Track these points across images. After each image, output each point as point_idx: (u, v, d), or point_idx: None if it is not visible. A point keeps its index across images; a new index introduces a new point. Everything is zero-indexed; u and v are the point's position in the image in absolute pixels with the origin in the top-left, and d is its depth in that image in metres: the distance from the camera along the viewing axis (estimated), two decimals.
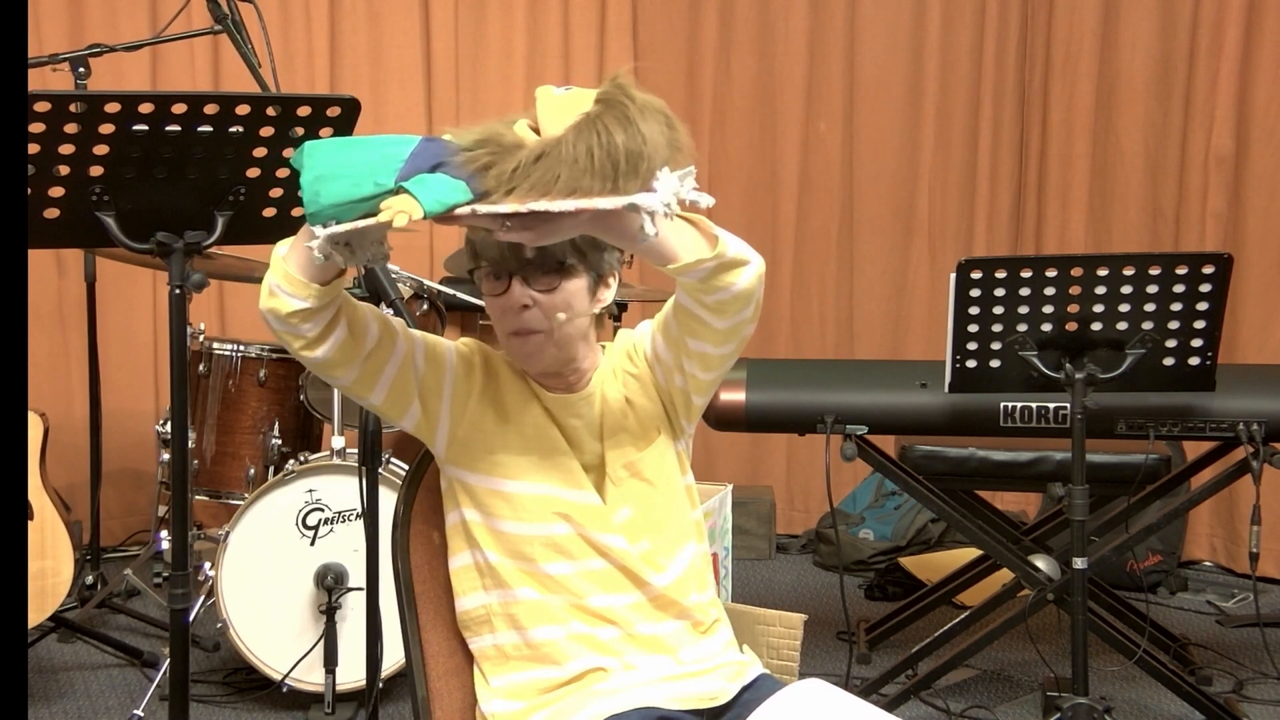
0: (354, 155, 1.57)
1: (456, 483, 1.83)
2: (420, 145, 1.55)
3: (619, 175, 1.50)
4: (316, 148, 1.59)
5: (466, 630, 1.87)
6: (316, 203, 1.56)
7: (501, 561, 1.80)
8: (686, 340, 1.79)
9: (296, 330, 1.69)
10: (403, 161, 1.54)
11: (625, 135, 1.52)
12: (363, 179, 1.54)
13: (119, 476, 4.37)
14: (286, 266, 1.65)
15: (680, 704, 1.77)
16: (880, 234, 4.78)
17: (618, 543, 1.82)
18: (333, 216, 1.56)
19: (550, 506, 1.80)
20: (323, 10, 4.56)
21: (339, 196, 1.55)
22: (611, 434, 1.85)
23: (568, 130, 1.52)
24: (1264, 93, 4.34)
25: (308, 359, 1.72)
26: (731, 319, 1.74)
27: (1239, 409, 2.90)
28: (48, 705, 3.24)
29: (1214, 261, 2.61)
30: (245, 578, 3.13)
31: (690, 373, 1.83)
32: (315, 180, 1.57)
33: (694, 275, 1.67)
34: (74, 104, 1.84)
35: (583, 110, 1.54)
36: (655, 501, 1.86)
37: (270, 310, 1.67)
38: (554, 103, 1.57)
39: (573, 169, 1.50)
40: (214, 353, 3.57)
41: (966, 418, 2.99)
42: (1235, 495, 4.29)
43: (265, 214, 2.05)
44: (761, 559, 4.55)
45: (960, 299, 2.67)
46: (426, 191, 1.51)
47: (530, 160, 1.51)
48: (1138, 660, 3.01)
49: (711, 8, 4.83)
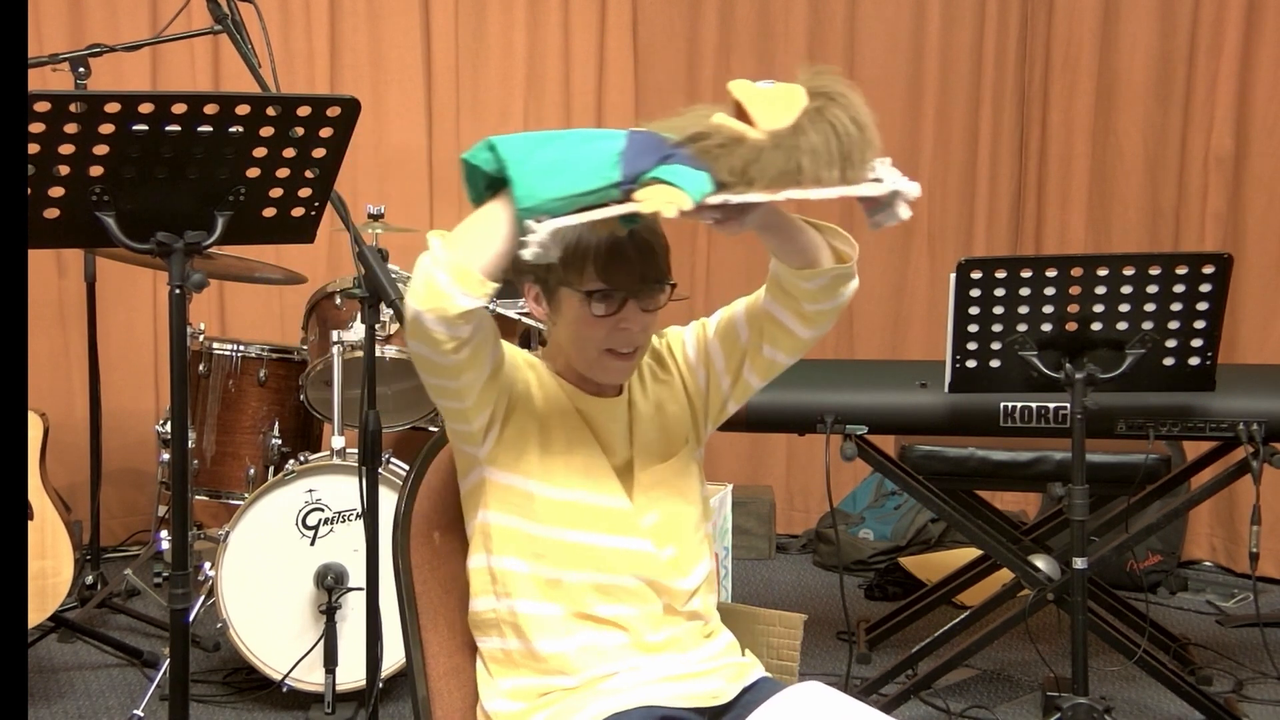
0: (565, 150, 1.56)
1: (490, 483, 1.80)
2: (633, 138, 1.56)
3: (850, 165, 1.57)
4: (508, 143, 1.57)
5: (476, 629, 1.86)
6: (535, 197, 1.53)
7: (518, 566, 1.78)
8: (763, 347, 1.82)
9: (456, 331, 1.59)
10: (619, 155, 1.54)
11: (856, 126, 1.57)
12: (586, 173, 1.54)
13: (119, 476, 4.37)
14: (466, 264, 1.56)
15: (682, 702, 1.78)
16: (880, 234, 4.71)
17: (645, 547, 1.81)
18: (551, 210, 1.53)
19: (583, 512, 1.79)
20: (323, 10, 4.56)
21: (563, 190, 1.53)
22: (641, 439, 1.86)
23: (800, 121, 1.56)
24: (1264, 93, 4.34)
25: (449, 361, 1.63)
26: (819, 330, 1.80)
27: (1239, 409, 2.90)
28: (48, 705, 3.24)
29: (1214, 261, 2.61)
30: (245, 578, 3.13)
31: (746, 379, 1.86)
32: (530, 174, 1.54)
33: (820, 281, 1.72)
34: (74, 104, 1.84)
35: (794, 103, 1.58)
36: (680, 509, 1.87)
37: (435, 311, 1.57)
38: (762, 95, 1.59)
39: (814, 158, 1.55)
40: (214, 353, 3.57)
41: (966, 418, 2.99)
42: (1235, 495, 4.29)
43: (265, 214, 2.05)
44: (761, 559, 4.55)
45: (960, 299, 2.67)
46: (685, 182, 1.53)
47: (770, 150, 1.54)
48: (1138, 660, 3.01)
49: (711, 8, 4.83)
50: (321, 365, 3.40)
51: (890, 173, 1.61)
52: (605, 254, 1.72)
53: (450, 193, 4.73)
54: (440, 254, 1.57)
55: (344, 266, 4.39)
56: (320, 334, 3.46)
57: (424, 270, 1.57)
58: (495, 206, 1.59)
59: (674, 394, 1.90)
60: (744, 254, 4.80)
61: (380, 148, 4.64)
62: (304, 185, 2.04)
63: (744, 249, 4.83)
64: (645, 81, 4.87)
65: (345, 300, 3.42)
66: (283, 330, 4.52)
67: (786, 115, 1.57)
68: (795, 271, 1.73)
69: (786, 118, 1.56)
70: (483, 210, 1.61)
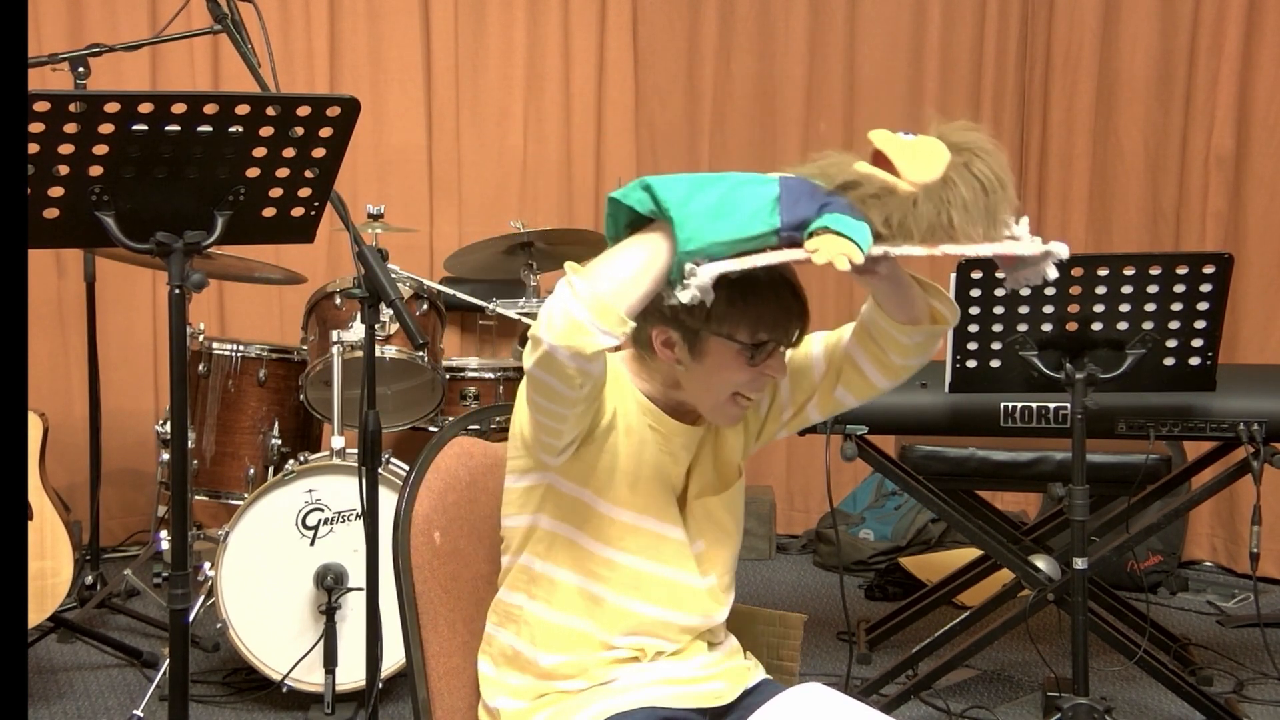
0: (725, 193, 1.55)
1: (554, 490, 1.76)
2: (786, 183, 1.57)
3: (994, 222, 1.60)
4: (665, 184, 1.56)
5: (495, 615, 1.85)
6: (699, 240, 1.53)
7: (565, 577, 1.77)
8: (836, 388, 1.83)
9: (588, 368, 1.56)
10: (776, 200, 1.55)
11: (999, 184, 1.59)
12: (749, 218, 1.54)
13: (119, 476, 4.37)
14: (610, 300, 1.53)
15: (684, 703, 1.78)
16: None
17: (690, 579, 1.81)
18: (713, 254, 1.53)
19: (641, 537, 1.78)
20: (323, 10, 4.56)
21: (726, 235, 1.53)
22: (702, 470, 1.85)
23: (948, 174, 1.58)
24: (1264, 93, 4.34)
25: (574, 396, 1.60)
26: (897, 381, 1.82)
27: (1239, 409, 2.89)
28: (47, 705, 3.24)
29: (1214, 261, 2.61)
30: (245, 578, 3.13)
31: (807, 413, 1.87)
32: (692, 217, 1.53)
33: (917, 338, 1.75)
34: (73, 104, 1.84)
35: (938, 155, 1.59)
36: (724, 541, 1.86)
37: (571, 347, 1.52)
38: (906, 146, 1.60)
39: (964, 214, 1.57)
40: (214, 353, 3.57)
41: (966, 418, 2.98)
42: (1236, 495, 4.29)
43: (265, 214, 2.05)
44: (761, 559, 4.55)
45: (960, 299, 2.66)
46: (853, 232, 1.53)
47: (923, 202, 1.56)
48: (1138, 660, 3.00)
49: (711, 8, 4.83)
50: (321, 365, 3.40)
51: (1025, 229, 1.64)
52: (774, 308, 1.71)
53: (450, 192, 4.73)
54: (582, 289, 1.53)
55: (344, 266, 4.40)
56: (320, 334, 3.46)
57: (562, 305, 1.53)
58: (649, 245, 1.56)
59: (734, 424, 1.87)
60: None
61: (380, 148, 4.64)
62: (304, 185, 2.04)
63: None
64: (645, 81, 4.87)
65: (345, 300, 3.41)
66: (282, 330, 4.52)
67: (933, 168, 1.57)
68: (896, 325, 1.74)
69: (933, 170, 1.57)
70: (632, 248, 1.57)
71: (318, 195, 2.07)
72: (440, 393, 3.48)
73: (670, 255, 1.55)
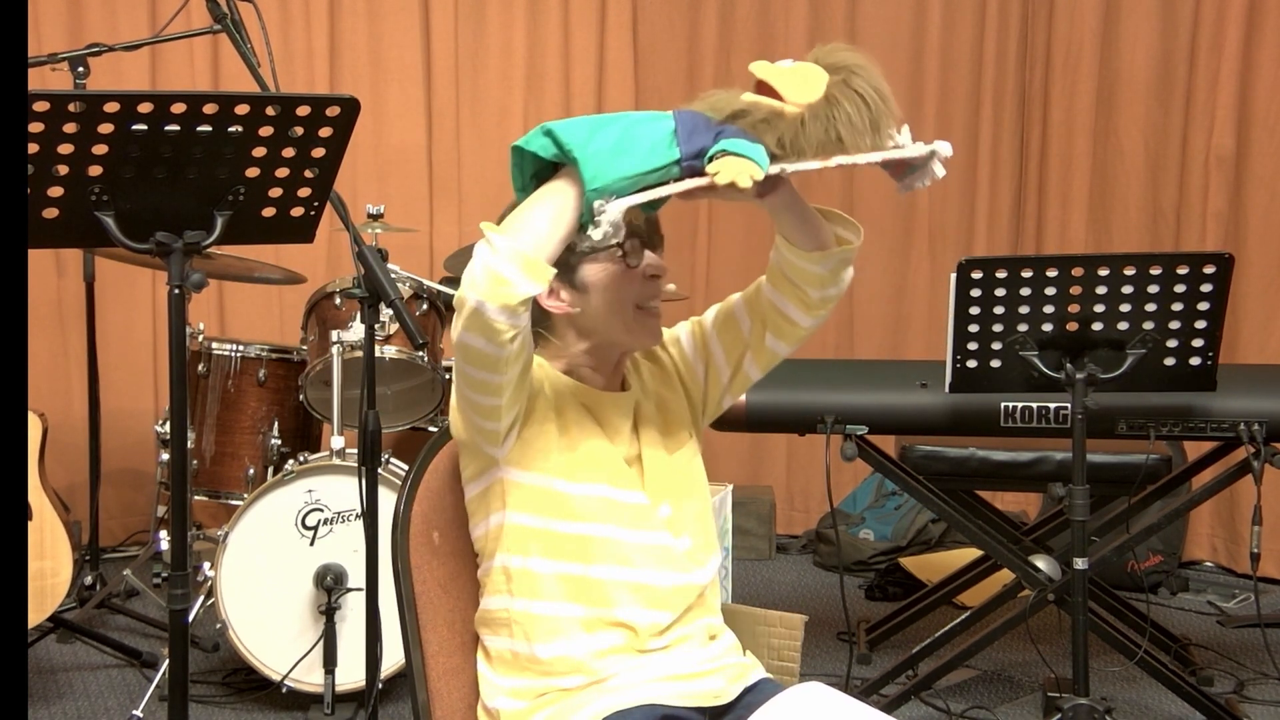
0: (623, 131, 1.61)
1: (510, 484, 1.79)
2: (680, 117, 1.63)
3: (878, 132, 1.67)
4: (566, 128, 1.61)
5: (484, 627, 1.86)
6: (604, 178, 1.58)
7: (540, 566, 1.78)
8: (765, 337, 1.88)
9: (516, 320, 1.62)
10: (673, 133, 1.61)
11: (879, 96, 1.67)
12: (649, 152, 1.60)
13: (118, 476, 4.37)
14: (529, 250, 1.60)
15: (683, 701, 1.78)
16: (880, 234, 4.78)
17: (664, 540, 1.82)
18: (618, 190, 1.59)
19: (606, 507, 1.80)
20: (323, 10, 4.56)
21: (629, 170, 1.59)
22: (646, 433, 1.87)
23: (830, 93, 1.64)
24: (1264, 92, 4.34)
25: (504, 353, 1.64)
26: (820, 318, 1.87)
27: (1240, 409, 2.89)
28: (47, 705, 3.23)
29: (1215, 261, 2.61)
30: (245, 578, 3.13)
31: (746, 371, 1.91)
32: (595, 156, 1.58)
33: (828, 264, 1.80)
34: (73, 104, 1.83)
35: (817, 78, 1.66)
36: (690, 501, 1.88)
37: (498, 299, 1.59)
38: (786, 73, 1.66)
39: (850, 129, 1.64)
40: (213, 353, 3.57)
41: (967, 418, 2.98)
42: (1236, 495, 4.29)
43: (265, 214, 2.05)
44: (761, 559, 4.55)
45: (960, 299, 2.66)
46: (751, 153, 1.59)
47: (810, 121, 1.63)
48: (1138, 661, 3.00)
49: (711, 8, 4.83)
50: (321, 365, 3.40)
51: (907, 136, 1.70)
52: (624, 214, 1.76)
53: (450, 192, 4.73)
54: (501, 244, 1.60)
55: (343, 266, 4.40)
56: (320, 334, 3.46)
57: (484, 262, 1.60)
58: (557, 191, 1.63)
59: (673, 391, 1.92)
60: (742, 254, 4.81)
61: (380, 148, 4.64)
62: (303, 185, 2.04)
63: (743, 249, 4.83)
64: (645, 81, 4.87)
65: (345, 300, 3.41)
66: (282, 330, 4.52)
67: (814, 89, 1.64)
68: (804, 254, 1.80)
69: (815, 91, 1.64)
70: (542, 196, 1.64)
71: (317, 195, 2.07)
72: (440, 393, 3.48)
73: (579, 198, 1.61)
